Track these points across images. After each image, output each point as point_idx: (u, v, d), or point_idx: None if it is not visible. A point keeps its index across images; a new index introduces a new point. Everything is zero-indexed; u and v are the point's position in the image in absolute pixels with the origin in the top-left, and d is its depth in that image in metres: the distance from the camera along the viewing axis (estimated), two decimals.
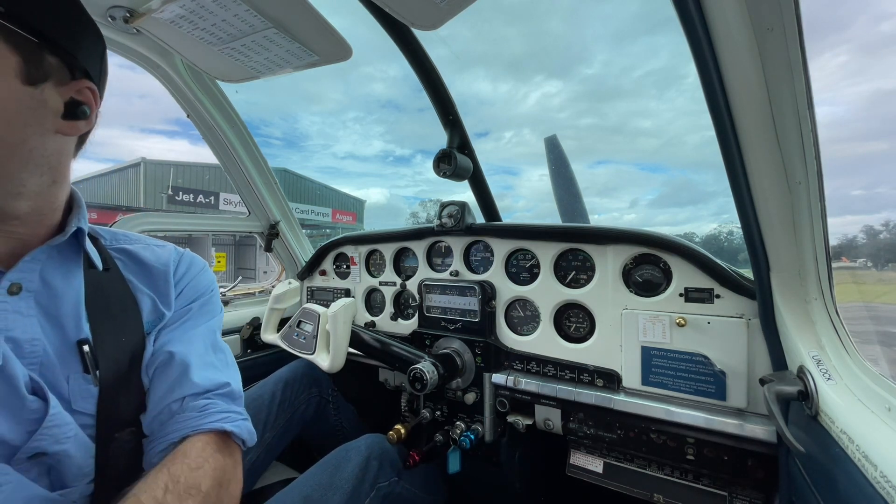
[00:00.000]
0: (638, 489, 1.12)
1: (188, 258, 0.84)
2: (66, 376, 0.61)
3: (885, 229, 1.28)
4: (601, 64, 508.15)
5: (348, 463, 1.00)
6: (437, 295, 1.37)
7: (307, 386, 1.41)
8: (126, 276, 0.74)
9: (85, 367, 0.63)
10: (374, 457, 1.05)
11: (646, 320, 1.04)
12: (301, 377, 1.40)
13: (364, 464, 1.01)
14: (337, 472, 0.97)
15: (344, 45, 0.97)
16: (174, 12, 0.89)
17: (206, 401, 0.70)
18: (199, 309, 0.80)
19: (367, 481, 1.00)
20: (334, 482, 0.95)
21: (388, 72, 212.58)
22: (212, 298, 0.84)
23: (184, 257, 0.83)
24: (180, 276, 0.80)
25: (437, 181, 3.06)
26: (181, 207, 16.51)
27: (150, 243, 0.82)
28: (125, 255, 0.77)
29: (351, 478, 0.97)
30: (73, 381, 0.62)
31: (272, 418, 1.27)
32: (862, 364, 0.68)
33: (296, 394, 1.37)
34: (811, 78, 0.57)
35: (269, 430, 1.26)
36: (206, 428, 0.67)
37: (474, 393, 1.27)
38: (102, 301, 0.68)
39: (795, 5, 0.53)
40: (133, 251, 0.78)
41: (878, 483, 0.50)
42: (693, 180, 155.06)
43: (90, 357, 0.63)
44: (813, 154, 0.62)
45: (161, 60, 1.27)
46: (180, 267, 0.81)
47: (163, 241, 0.86)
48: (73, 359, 0.62)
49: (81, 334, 0.64)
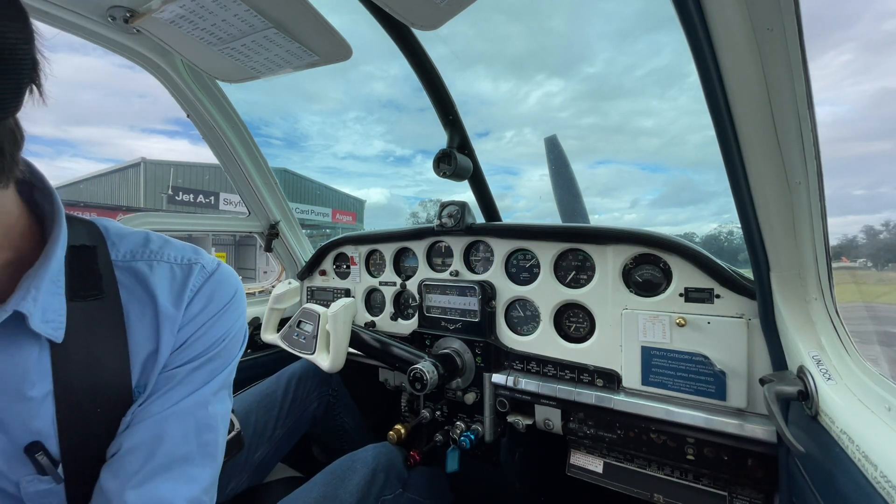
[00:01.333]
0: (638, 489, 1.12)
1: (211, 288, 0.63)
2: (16, 480, 0.50)
3: (886, 229, 1.27)
4: (604, 62, 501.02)
5: (354, 474, 0.99)
6: (437, 295, 1.37)
7: (318, 384, 1.41)
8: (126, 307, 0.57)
9: (39, 469, 0.50)
10: (381, 469, 1.04)
11: (646, 320, 1.04)
12: (313, 375, 1.40)
13: (370, 476, 1.00)
14: (342, 484, 0.96)
15: (344, 45, 0.97)
16: (174, 12, 0.89)
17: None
18: (201, 367, 0.61)
19: (373, 494, 0.99)
20: (339, 494, 0.93)
21: (388, 70, 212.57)
22: (227, 346, 0.64)
23: (205, 288, 0.62)
24: (190, 318, 0.60)
25: (437, 181, 3.02)
26: (181, 207, 16.52)
27: (174, 260, 0.62)
28: (135, 278, 0.59)
29: (356, 491, 0.95)
30: (26, 484, 0.50)
31: (283, 415, 1.27)
32: (862, 364, 0.68)
33: (307, 391, 1.37)
34: (811, 78, 0.57)
35: (280, 428, 1.25)
36: None
37: (474, 393, 1.27)
38: (79, 353, 0.52)
39: (795, 5, 0.53)
40: (143, 273, 0.59)
41: (878, 483, 0.50)
42: (694, 180, 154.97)
43: (46, 459, 0.50)
44: (813, 154, 0.62)
45: (161, 60, 1.27)
46: (194, 304, 0.61)
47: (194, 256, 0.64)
48: (20, 462, 0.50)
49: (29, 437, 0.50)
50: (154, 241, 0.63)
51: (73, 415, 0.52)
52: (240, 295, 0.67)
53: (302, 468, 1.37)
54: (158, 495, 0.53)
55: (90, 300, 0.55)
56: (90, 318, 0.54)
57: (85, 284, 0.55)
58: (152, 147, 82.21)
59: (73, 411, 0.52)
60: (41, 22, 1.00)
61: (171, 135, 78.73)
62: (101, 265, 0.57)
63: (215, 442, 0.61)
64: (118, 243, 0.60)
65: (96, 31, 1.07)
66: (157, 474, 0.54)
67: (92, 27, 1.05)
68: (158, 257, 0.61)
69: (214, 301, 0.63)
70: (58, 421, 0.51)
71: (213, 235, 11.97)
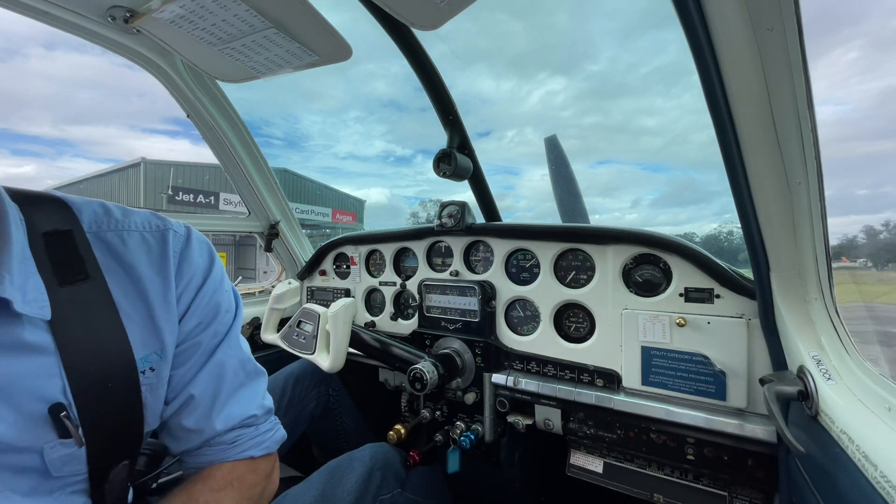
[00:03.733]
0: (638, 489, 1.12)
1: (192, 251, 0.67)
2: (39, 449, 0.52)
3: (886, 229, 1.27)
4: (607, 60, 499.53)
5: (351, 473, 0.99)
6: (437, 295, 1.37)
7: (317, 384, 1.41)
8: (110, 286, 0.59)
9: (61, 432, 0.53)
10: (378, 468, 1.03)
11: (646, 320, 1.04)
12: (311, 374, 1.40)
13: (367, 475, 1.00)
14: (339, 482, 0.96)
15: (344, 45, 0.97)
16: (174, 12, 0.89)
17: (234, 434, 0.69)
18: (215, 324, 0.69)
19: (370, 493, 0.99)
20: (336, 493, 0.93)
21: (389, 69, 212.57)
22: (224, 298, 0.71)
23: (186, 253, 0.66)
24: (185, 285, 0.65)
25: (437, 181, 3.03)
26: (181, 207, 16.51)
27: (143, 228, 0.65)
28: (108, 251, 0.61)
29: (353, 490, 0.95)
30: (49, 451, 0.53)
31: (280, 414, 1.27)
32: (862, 364, 0.68)
33: (305, 391, 1.37)
34: (811, 77, 0.57)
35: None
36: (233, 459, 0.68)
37: (474, 393, 1.27)
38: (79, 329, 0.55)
39: (795, 5, 0.53)
40: (116, 245, 0.61)
41: (878, 483, 0.50)
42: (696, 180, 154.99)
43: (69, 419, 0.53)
44: (813, 154, 0.62)
45: (161, 60, 1.27)
46: (183, 270, 0.65)
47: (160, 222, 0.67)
48: (41, 429, 0.52)
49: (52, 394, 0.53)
50: (115, 210, 0.65)
51: (85, 385, 0.55)
52: (213, 248, 0.74)
53: (302, 468, 1.37)
54: (238, 413, 0.69)
55: (78, 283, 0.57)
56: (83, 301, 0.56)
57: (72, 269, 0.57)
58: (153, 147, 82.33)
59: (84, 382, 0.55)
60: (41, 22, 1.00)
61: (171, 135, 78.80)
62: (80, 248, 0.59)
63: (254, 363, 0.76)
64: (82, 212, 0.61)
65: (96, 31, 1.07)
66: (228, 402, 0.68)
67: (92, 27, 1.05)
68: (126, 227, 0.64)
69: (200, 262, 0.68)
70: (71, 390, 0.54)
71: (213, 235, 11.98)
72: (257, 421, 0.72)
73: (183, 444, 0.68)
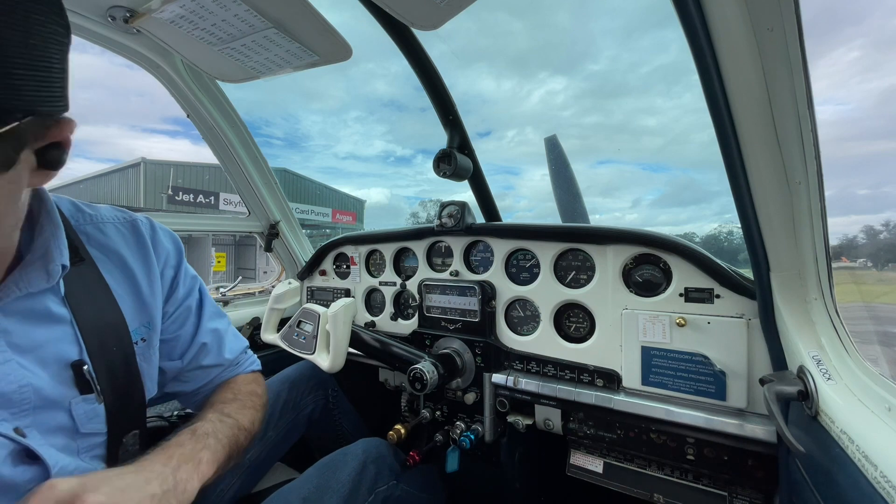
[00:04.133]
0: (638, 489, 1.12)
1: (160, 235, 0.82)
2: (67, 405, 0.61)
3: (886, 229, 1.27)
4: (608, 59, 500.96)
5: (345, 466, 0.99)
6: (437, 295, 1.37)
7: (313, 387, 1.40)
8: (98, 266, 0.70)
9: (83, 388, 0.63)
10: (371, 461, 1.04)
11: (646, 320, 1.04)
12: (307, 378, 1.39)
13: (360, 468, 1.00)
14: (333, 475, 0.97)
15: (344, 45, 0.97)
16: (174, 12, 0.89)
17: (237, 358, 0.96)
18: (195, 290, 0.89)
19: (365, 485, 0.99)
20: (331, 485, 0.94)
21: (390, 68, 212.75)
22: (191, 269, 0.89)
23: (157, 236, 0.81)
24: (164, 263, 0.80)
25: (437, 181, 3.02)
26: (181, 207, 16.52)
27: (114, 220, 0.76)
28: (90, 241, 0.71)
29: (347, 481, 0.96)
30: (76, 406, 0.62)
31: (276, 418, 1.26)
32: (862, 364, 0.68)
33: (301, 394, 1.36)
34: (811, 77, 0.57)
35: (272, 429, 1.25)
36: (244, 372, 0.97)
37: (474, 393, 1.27)
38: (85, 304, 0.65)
39: (795, 5, 0.53)
40: (97, 236, 0.72)
41: (878, 483, 0.50)
42: (697, 180, 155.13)
43: (90, 375, 0.63)
44: (813, 154, 0.62)
45: (161, 60, 1.27)
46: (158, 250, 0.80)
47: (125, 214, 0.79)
48: (67, 386, 0.61)
49: (73, 356, 0.63)
50: (83, 206, 0.75)
51: (96, 350, 0.65)
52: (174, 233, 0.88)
53: (302, 469, 1.37)
54: (237, 346, 0.98)
55: (77, 264, 0.66)
56: (83, 279, 0.67)
57: (73, 252, 0.66)
58: (153, 147, 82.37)
59: (95, 348, 0.65)
60: None
61: (173, 134, 78.80)
62: (72, 235, 0.68)
63: (220, 309, 0.97)
64: (61, 207, 0.69)
65: (96, 31, 1.07)
66: (227, 340, 0.94)
67: (92, 27, 1.05)
68: (100, 220, 0.74)
69: (168, 245, 0.83)
70: (87, 351, 0.64)
71: (213, 235, 11.97)
72: (247, 350, 1.01)
73: (201, 380, 0.89)
